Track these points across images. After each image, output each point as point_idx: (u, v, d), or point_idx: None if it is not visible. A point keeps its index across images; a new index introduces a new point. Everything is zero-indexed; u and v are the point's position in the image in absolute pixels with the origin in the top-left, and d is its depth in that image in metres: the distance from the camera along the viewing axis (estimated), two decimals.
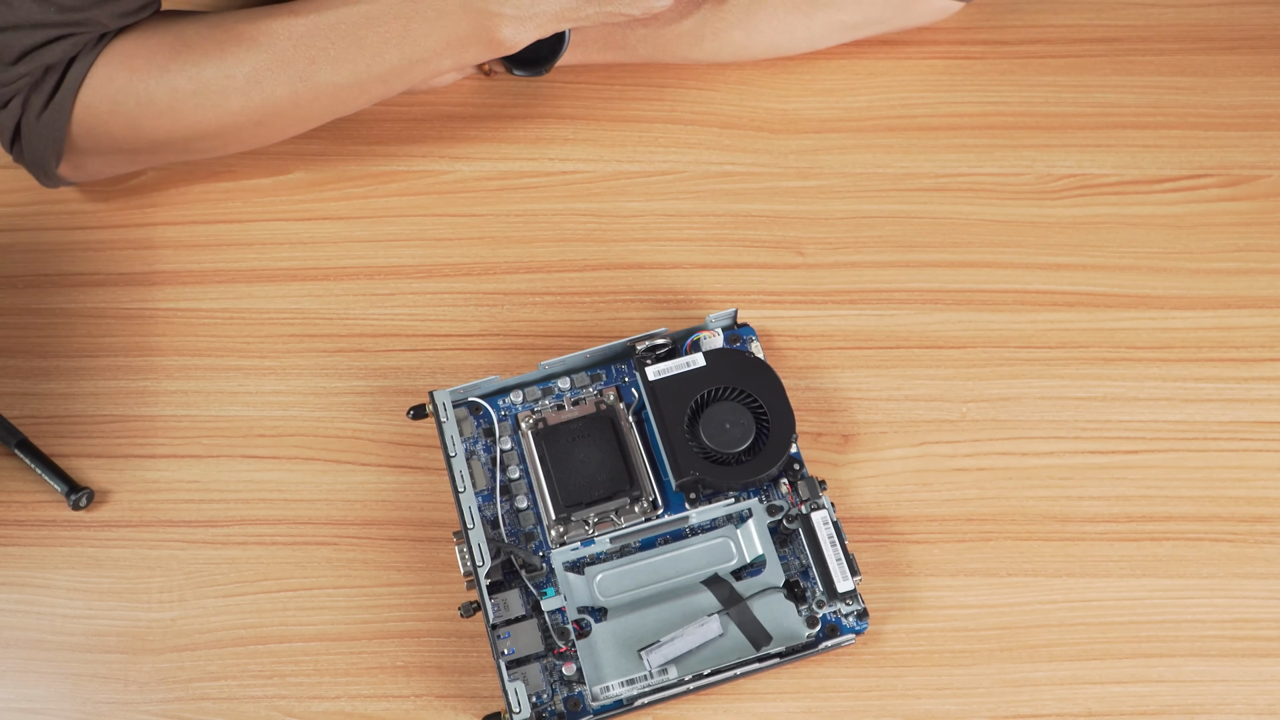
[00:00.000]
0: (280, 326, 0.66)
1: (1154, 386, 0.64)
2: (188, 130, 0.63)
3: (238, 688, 0.58)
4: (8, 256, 0.68)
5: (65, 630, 0.59)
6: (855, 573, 0.57)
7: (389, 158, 0.71)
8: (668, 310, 0.66)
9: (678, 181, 0.70)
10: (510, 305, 0.67)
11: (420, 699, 0.58)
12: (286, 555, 0.61)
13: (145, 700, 0.58)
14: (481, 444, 0.61)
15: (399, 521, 0.61)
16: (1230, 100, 0.72)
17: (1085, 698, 0.58)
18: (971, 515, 0.61)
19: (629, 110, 0.72)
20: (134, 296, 0.67)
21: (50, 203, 0.69)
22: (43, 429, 0.63)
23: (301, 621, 0.59)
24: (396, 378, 0.65)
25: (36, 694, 0.58)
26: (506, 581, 0.58)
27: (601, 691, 0.56)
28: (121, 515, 0.61)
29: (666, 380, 0.61)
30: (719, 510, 0.59)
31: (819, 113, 0.72)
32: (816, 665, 0.58)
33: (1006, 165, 0.71)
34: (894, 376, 0.65)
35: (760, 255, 0.68)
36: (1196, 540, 0.61)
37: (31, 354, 0.65)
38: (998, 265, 0.68)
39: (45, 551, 0.61)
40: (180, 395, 0.64)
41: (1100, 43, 0.74)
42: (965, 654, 0.58)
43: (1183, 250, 0.68)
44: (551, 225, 0.69)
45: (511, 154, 0.71)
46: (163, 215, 0.69)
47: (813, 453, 0.63)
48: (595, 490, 0.59)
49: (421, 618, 0.59)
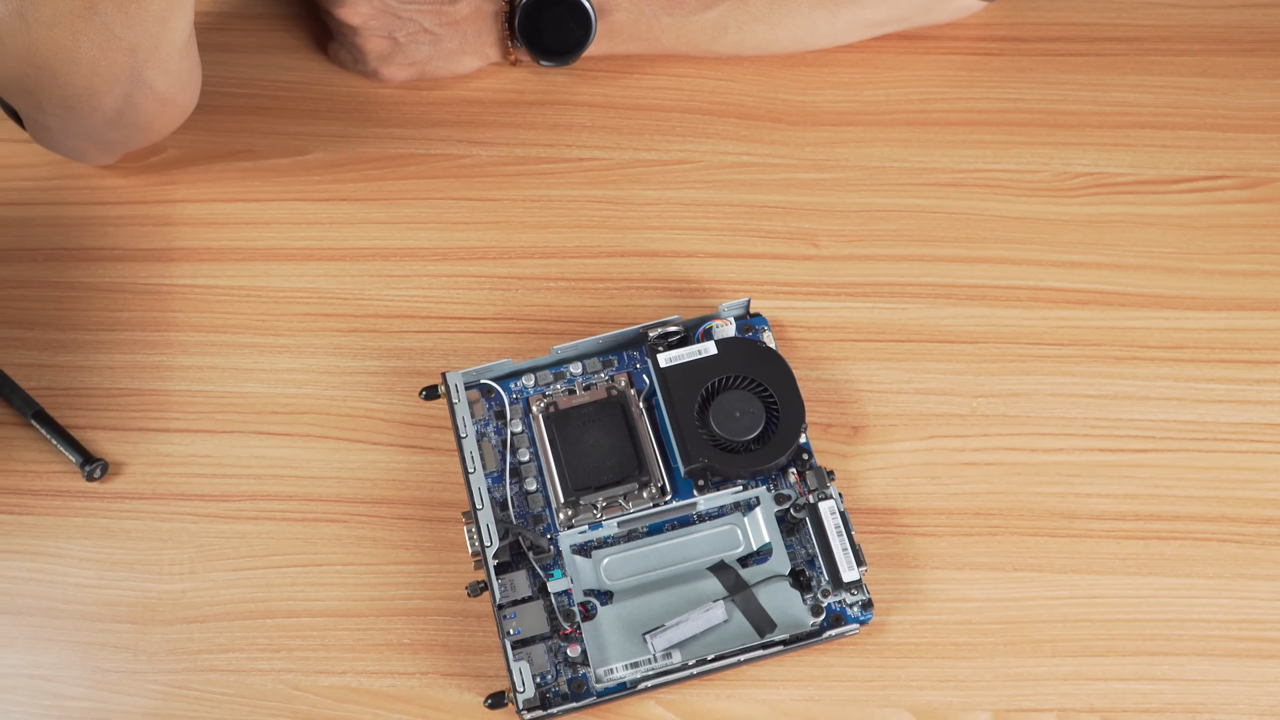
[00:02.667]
0: (296, 305, 0.66)
1: (1165, 386, 0.64)
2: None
3: (245, 660, 0.58)
4: (28, 230, 0.68)
5: (77, 599, 0.60)
6: (861, 563, 0.57)
7: (407, 140, 0.71)
8: (681, 299, 0.67)
9: (694, 171, 0.70)
10: (524, 290, 0.67)
11: (425, 677, 0.58)
12: (296, 531, 0.61)
13: (154, 670, 0.58)
14: (492, 426, 0.62)
15: (408, 501, 0.62)
16: (1249, 102, 0.72)
17: (1088, 694, 0.58)
18: (979, 509, 0.62)
19: (647, 99, 0.73)
20: (152, 272, 0.67)
21: (71, 177, 0.70)
22: (59, 401, 0.64)
23: (310, 597, 0.60)
24: (409, 359, 0.65)
25: (47, 660, 0.58)
26: (514, 563, 0.58)
27: (605, 674, 0.56)
28: (135, 487, 0.62)
29: (678, 367, 0.61)
30: (727, 498, 0.60)
31: (837, 105, 0.72)
32: (820, 654, 0.58)
33: (1023, 162, 0.71)
34: (905, 370, 0.65)
35: (774, 246, 0.68)
36: (1204, 540, 0.61)
37: (49, 326, 0.66)
38: (1011, 261, 0.68)
39: (59, 521, 0.61)
40: (195, 371, 0.65)
41: (1120, 42, 0.74)
42: (969, 647, 0.59)
43: (1198, 251, 0.68)
44: (567, 211, 0.69)
45: (529, 140, 0.71)
46: (182, 193, 0.69)
47: (822, 443, 0.63)
48: (604, 475, 0.60)
49: (429, 596, 0.60)
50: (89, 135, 0.65)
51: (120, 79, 0.61)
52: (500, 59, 0.72)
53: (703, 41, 0.72)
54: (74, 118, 0.63)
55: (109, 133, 0.65)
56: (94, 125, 0.64)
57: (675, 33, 0.71)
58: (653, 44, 0.72)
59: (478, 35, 0.71)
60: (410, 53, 0.71)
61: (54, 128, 0.65)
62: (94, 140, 0.66)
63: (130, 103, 0.62)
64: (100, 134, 0.65)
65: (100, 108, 0.62)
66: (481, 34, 0.71)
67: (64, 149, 0.67)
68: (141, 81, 0.61)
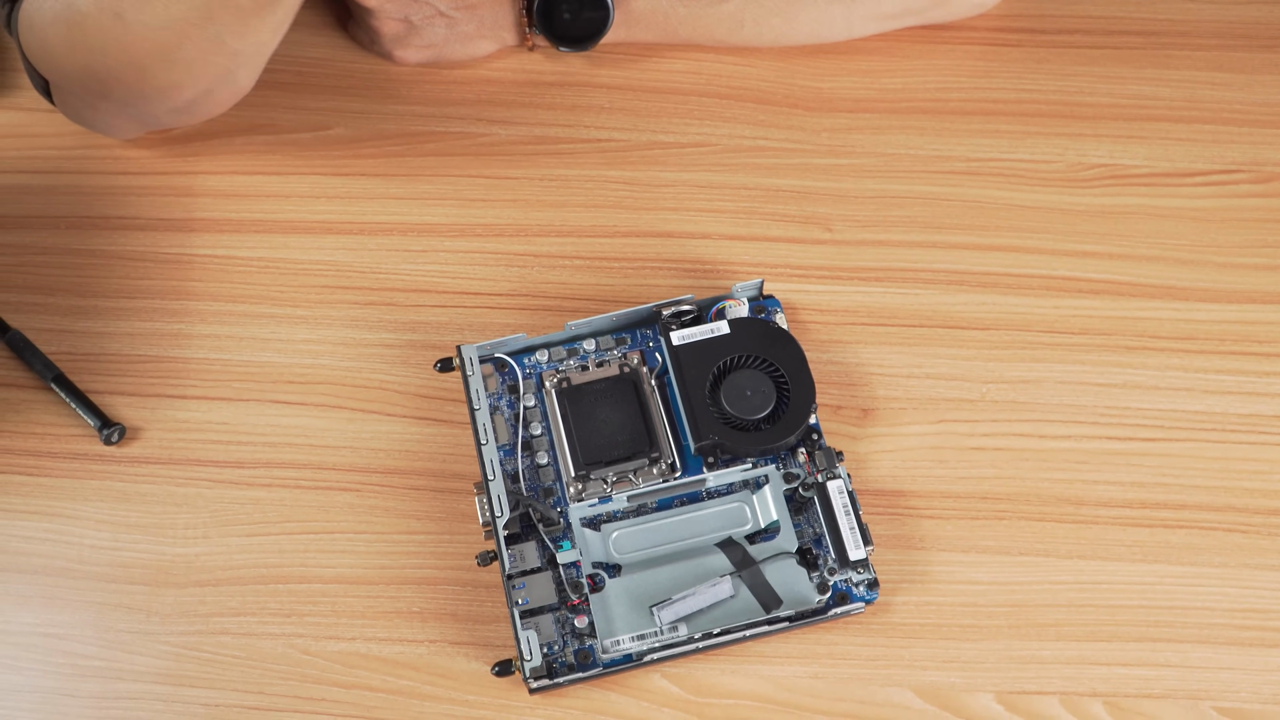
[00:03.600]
0: (314, 277, 0.67)
1: (1175, 376, 0.65)
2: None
3: (256, 624, 0.59)
4: (52, 198, 0.69)
5: (92, 560, 0.60)
6: (868, 542, 0.58)
7: (427, 118, 0.72)
8: (695, 279, 0.67)
9: (710, 154, 0.71)
10: (540, 267, 0.68)
11: (434, 644, 0.59)
12: (310, 499, 0.62)
13: (166, 631, 0.59)
14: (505, 400, 0.62)
15: (421, 471, 0.62)
16: (1265, 98, 0.72)
17: (1090, 678, 0.58)
18: (986, 494, 0.62)
19: (666, 82, 0.73)
20: (173, 242, 0.68)
21: (94, 148, 0.71)
22: (79, 366, 0.65)
23: (321, 563, 0.60)
24: (425, 332, 0.66)
25: (61, 620, 0.59)
26: (523, 534, 0.59)
27: (612, 645, 0.57)
28: (151, 452, 0.63)
29: (690, 345, 0.61)
30: (736, 475, 0.60)
31: (854, 93, 0.73)
32: (825, 632, 0.59)
33: (1038, 153, 0.71)
34: (916, 354, 0.65)
35: (789, 230, 0.69)
36: (1210, 530, 0.61)
37: (71, 293, 0.67)
38: (1024, 250, 0.68)
39: (76, 484, 0.62)
40: (213, 339, 0.66)
41: (1137, 35, 0.74)
42: (973, 629, 0.59)
43: (1210, 244, 0.68)
44: (584, 191, 0.70)
45: (548, 119, 0.72)
46: (204, 165, 0.70)
47: (832, 425, 0.63)
48: (615, 450, 0.60)
49: (439, 566, 0.60)
50: (141, 118, 0.66)
51: (213, 78, 0.61)
52: (517, 43, 0.73)
53: (719, 33, 0.72)
54: (141, 104, 0.63)
55: (167, 118, 0.66)
56: (156, 111, 0.64)
57: (692, 24, 0.72)
58: (670, 34, 0.72)
59: (494, 20, 0.72)
60: (425, 35, 0.71)
61: (104, 108, 0.65)
62: (142, 121, 0.66)
63: (209, 96, 0.63)
64: (157, 118, 0.66)
65: (175, 99, 0.63)
66: (498, 18, 0.72)
67: (98, 125, 0.68)
68: (232, 80, 0.62)
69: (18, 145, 0.71)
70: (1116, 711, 0.57)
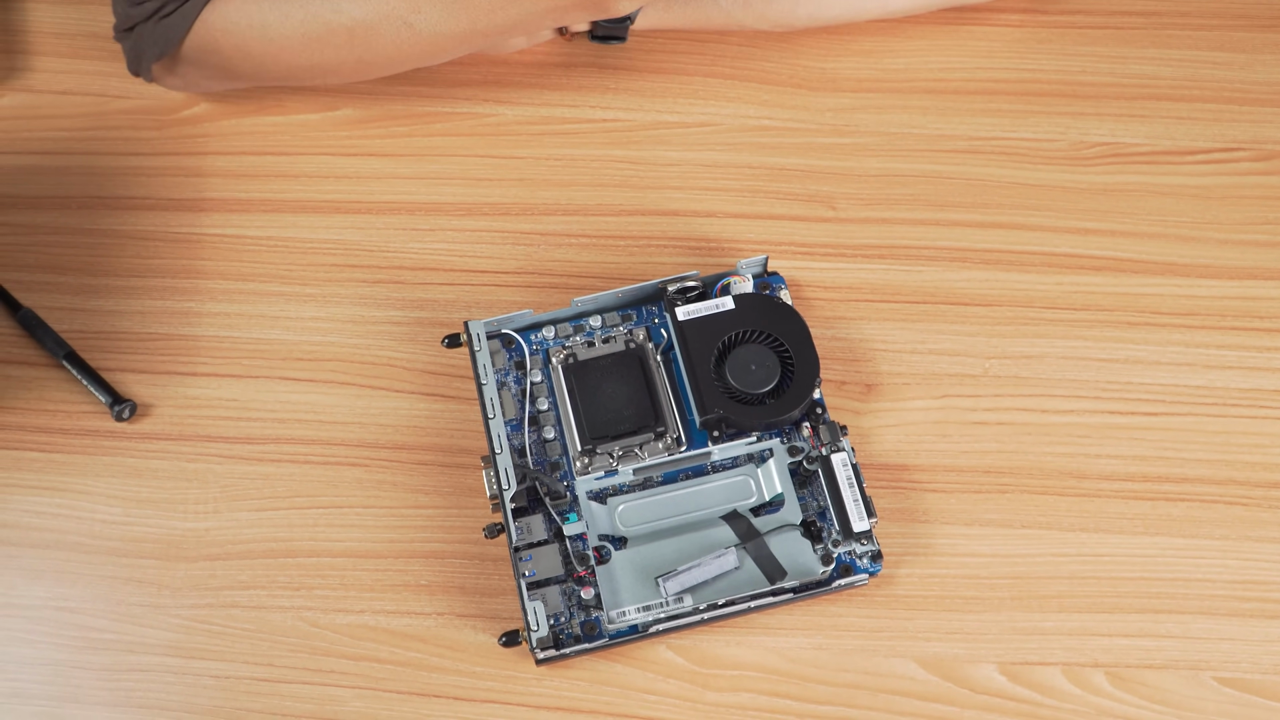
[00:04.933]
0: (323, 256, 0.68)
1: (1176, 352, 0.65)
2: (293, 61, 0.65)
3: (266, 597, 0.60)
4: (64, 178, 0.70)
5: (104, 535, 0.61)
6: (872, 515, 0.58)
7: (434, 99, 0.72)
8: (700, 257, 0.68)
9: (715, 133, 0.71)
10: (546, 245, 0.68)
11: (441, 617, 0.59)
12: (319, 474, 0.62)
13: (177, 605, 0.60)
14: (512, 376, 0.63)
15: (428, 447, 0.63)
16: (1266, 77, 0.73)
17: (1092, 649, 0.59)
18: (989, 467, 0.62)
19: (670, 63, 0.74)
20: (183, 221, 0.69)
21: (106, 128, 0.71)
22: (90, 343, 0.65)
23: (330, 538, 0.61)
24: (432, 310, 0.66)
25: (74, 594, 0.60)
26: (530, 508, 0.60)
27: (618, 616, 0.57)
28: (162, 428, 0.64)
29: (695, 321, 0.62)
30: (740, 448, 0.61)
31: (857, 72, 0.73)
32: (829, 604, 0.59)
33: (1040, 131, 0.71)
34: (919, 330, 0.66)
35: (793, 208, 0.69)
36: (1211, 502, 0.62)
37: (83, 272, 0.67)
38: (1026, 227, 0.69)
39: (88, 460, 0.63)
40: (223, 317, 0.66)
41: (1139, 15, 0.75)
42: (976, 600, 0.60)
43: (1211, 221, 0.69)
44: (590, 170, 0.70)
45: (554, 100, 0.72)
46: (214, 145, 0.71)
47: (836, 400, 0.64)
48: (621, 424, 0.61)
49: (446, 540, 0.61)
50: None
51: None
52: (553, 35, 0.73)
53: (748, 19, 0.72)
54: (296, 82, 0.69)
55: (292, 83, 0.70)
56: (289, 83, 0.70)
57: (726, 6, 0.71)
58: (701, 20, 0.72)
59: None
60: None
61: (239, 85, 0.69)
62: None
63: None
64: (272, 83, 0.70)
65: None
66: None
67: (208, 89, 0.71)
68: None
69: (30, 127, 0.71)
70: (1118, 681, 0.58)
